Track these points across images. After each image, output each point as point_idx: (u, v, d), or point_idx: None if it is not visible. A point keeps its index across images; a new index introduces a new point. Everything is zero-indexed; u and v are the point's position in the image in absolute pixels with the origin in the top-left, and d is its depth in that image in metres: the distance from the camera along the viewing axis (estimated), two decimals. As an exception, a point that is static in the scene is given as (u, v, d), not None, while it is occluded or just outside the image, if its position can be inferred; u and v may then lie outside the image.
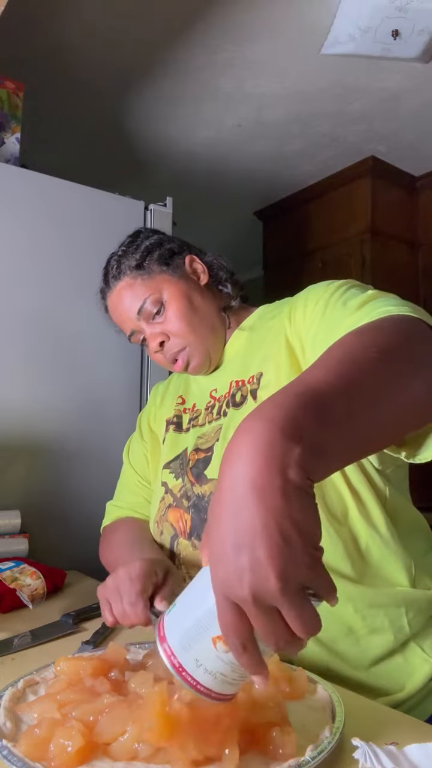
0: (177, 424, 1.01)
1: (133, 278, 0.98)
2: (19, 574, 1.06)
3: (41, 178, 1.56)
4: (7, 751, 0.53)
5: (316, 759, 0.52)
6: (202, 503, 0.88)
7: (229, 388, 0.95)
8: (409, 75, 2.08)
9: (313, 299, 0.84)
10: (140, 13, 1.81)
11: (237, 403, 0.91)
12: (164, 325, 0.96)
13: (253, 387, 0.89)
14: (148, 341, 0.99)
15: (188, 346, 0.97)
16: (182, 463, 0.95)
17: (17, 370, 1.48)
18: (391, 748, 0.52)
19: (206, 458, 0.91)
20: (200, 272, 1.02)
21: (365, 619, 0.79)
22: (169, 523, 0.93)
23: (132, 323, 0.99)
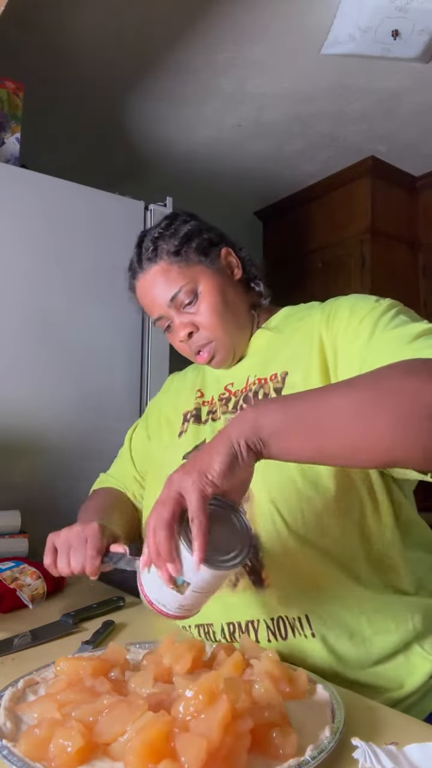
0: (196, 416, 1.00)
1: (170, 264, 0.96)
2: (19, 574, 1.06)
3: (41, 178, 1.56)
4: (7, 751, 0.53)
5: (316, 759, 0.52)
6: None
7: (245, 384, 0.94)
8: (409, 75, 2.08)
9: (358, 315, 0.83)
10: (140, 13, 1.81)
11: (258, 401, 0.90)
12: (195, 316, 0.95)
13: (278, 385, 0.89)
14: (176, 330, 0.97)
15: (215, 340, 0.96)
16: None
17: (17, 370, 1.48)
18: (391, 748, 0.52)
19: None
20: (235, 266, 1.01)
21: (371, 622, 0.79)
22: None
23: (161, 309, 0.97)
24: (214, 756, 0.49)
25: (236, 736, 0.51)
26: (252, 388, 0.92)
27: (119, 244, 1.67)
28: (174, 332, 0.98)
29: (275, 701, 0.58)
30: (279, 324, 0.99)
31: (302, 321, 0.93)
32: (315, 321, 0.89)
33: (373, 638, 0.79)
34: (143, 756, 0.49)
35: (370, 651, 0.79)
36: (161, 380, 1.71)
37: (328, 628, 0.79)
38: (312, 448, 0.64)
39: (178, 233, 0.97)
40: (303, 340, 0.89)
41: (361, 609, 0.79)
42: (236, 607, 0.82)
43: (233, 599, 0.82)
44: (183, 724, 0.52)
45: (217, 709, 0.51)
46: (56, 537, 0.91)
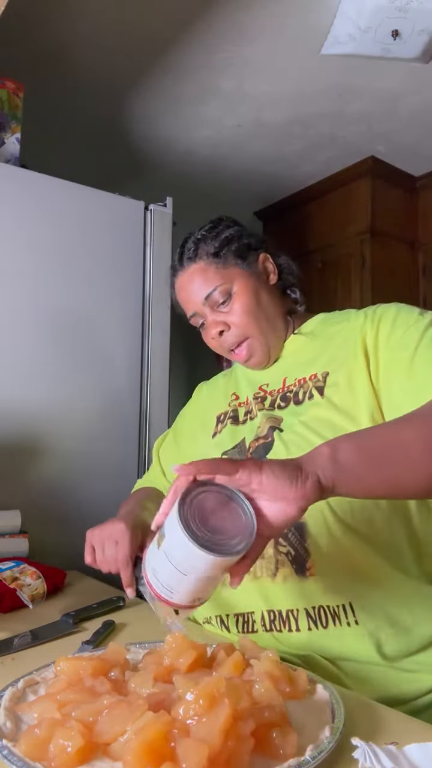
0: (234, 417, 1.04)
1: (208, 264, 1.00)
2: (19, 574, 1.06)
3: (41, 178, 1.56)
4: (7, 751, 0.53)
5: (316, 759, 0.52)
6: None
7: (282, 384, 0.98)
8: (409, 75, 2.08)
9: (402, 325, 0.86)
10: (140, 13, 1.81)
11: (299, 401, 0.93)
12: (228, 315, 0.99)
13: (319, 384, 0.92)
14: (208, 327, 1.02)
15: (250, 337, 0.99)
16: (241, 450, 0.97)
17: (17, 371, 1.48)
18: (391, 748, 0.52)
19: (267, 444, 0.93)
20: (271, 272, 1.04)
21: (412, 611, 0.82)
22: None
23: (196, 306, 1.01)
24: (215, 761, 0.49)
25: (238, 740, 0.51)
26: (292, 388, 0.96)
27: (119, 244, 1.67)
28: (207, 330, 1.03)
29: (275, 701, 0.58)
30: (314, 329, 1.02)
31: (339, 326, 0.97)
32: (357, 324, 0.92)
33: (414, 627, 0.81)
34: (142, 756, 0.49)
35: (411, 640, 0.80)
36: (161, 380, 1.72)
37: (370, 616, 0.81)
38: (386, 481, 0.66)
39: (220, 236, 1.01)
40: (344, 343, 0.92)
41: (403, 598, 0.82)
42: (277, 596, 0.84)
43: (273, 588, 0.84)
44: (183, 726, 0.52)
45: (219, 714, 0.51)
46: (92, 535, 0.96)
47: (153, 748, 0.50)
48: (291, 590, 0.83)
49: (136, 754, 0.49)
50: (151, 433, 1.67)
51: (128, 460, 1.63)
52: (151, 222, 1.72)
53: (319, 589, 0.82)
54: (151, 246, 1.71)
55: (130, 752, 0.50)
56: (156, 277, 1.71)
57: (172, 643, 0.68)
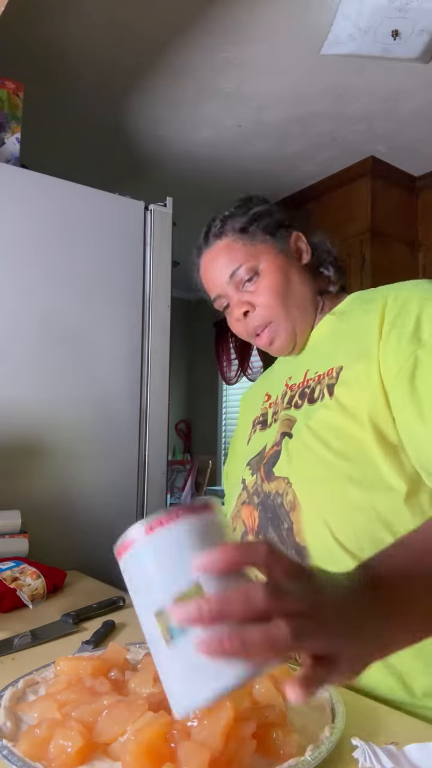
0: (263, 422, 0.97)
1: (234, 240, 0.93)
2: (19, 574, 1.06)
3: (41, 178, 1.56)
4: (8, 750, 0.53)
5: (316, 759, 0.52)
6: (268, 501, 0.84)
7: (303, 378, 0.91)
8: (409, 75, 2.08)
9: (421, 333, 0.75)
10: (140, 13, 1.81)
11: (313, 399, 0.86)
12: (253, 295, 0.92)
13: (331, 381, 0.83)
14: (232, 308, 0.94)
15: (273, 322, 0.92)
16: (260, 459, 0.91)
17: (17, 371, 1.48)
18: (390, 748, 0.52)
19: (275, 453, 0.87)
20: (303, 251, 0.96)
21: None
22: (241, 519, 0.89)
23: (220, 288, 0.94)
24: (216, 763, 0.49)
25: (239, 742, 0.51)
26: (311, 384, 0.88)
27: (119, 244, 1.67)
28: (231, 312, 0.95)
29: (275, 701, 0.58)
30: (345, 309, 0.93)
31: (365, 307, 0.87)
32: (376, 316, 0.81)
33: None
34: (141, 757, 0.49)
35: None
36: (161, 380, 1.72)
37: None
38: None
39: (249, 212, 0.95)
40: (363, 335, 0.82)
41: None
42: None
43: None
44: (183, 727, 0.52)
45: (220, 716, 0.51)
46: None
47: (152, 748, 0.50)
48: None
49: (135, 755, 0.49)
50: (151, 433, 1.67)
51: (128, 460, 1.63)
52: (151, 222, 1.72)
53: None
54: (151, 246, 1.71)
55: (128, 753, 0.50)
56: (156, 277, 1.71)
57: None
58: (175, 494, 4.30)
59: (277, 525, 0.81)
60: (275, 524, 0.81)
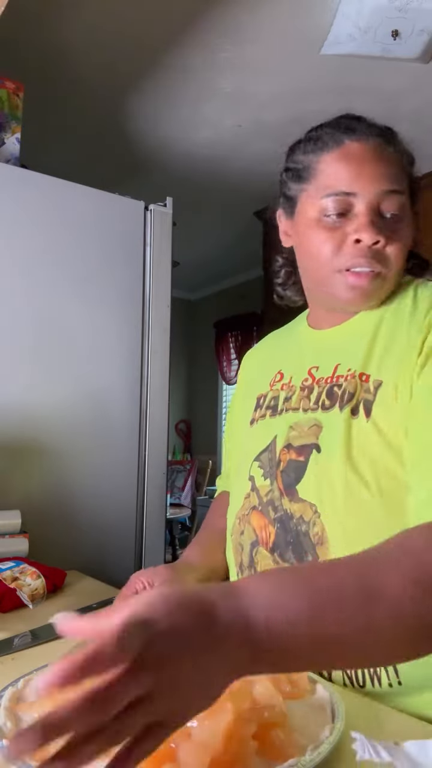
0: (273, 408, 0.86)
1: (398, 159, 0.78)
2: (19, 574, 1.06)
3: (41, 178, 1.56)
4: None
5: (316, 759, 0.52)
6: (291, 523, 0.76)
7: (332, 373, 0.80)
8: (409, 75, 2.08)
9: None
10: (140, 13, 1.81)
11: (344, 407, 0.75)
12: (393, 236, 0.76)
13: (368, 396, 0.74)
14: (361, 226, 0.74)
15: (385, 277, 0.77)
16: (271, 460, 0.82)
17: (17, 370, 1.48)
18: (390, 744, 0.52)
19: (298, 467, 0.77)
20: (414, 228, 0.81)
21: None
22: (251, 527, 0.83)
23: (365, 188, 0.74)
24: (217, 764, 0.49)
25: (240, 743, 0.51)
26: (342, 383, 0.77)
27: (119, 244, 1.67)
28: (355, 225, 0.75)
29: (275, 701, 0.58)
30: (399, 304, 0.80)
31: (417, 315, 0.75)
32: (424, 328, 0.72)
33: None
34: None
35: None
36: (161, 380, 1.72)
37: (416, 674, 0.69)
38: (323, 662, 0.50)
39: (401, 144, 0.81)
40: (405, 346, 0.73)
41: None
42: None
43: None
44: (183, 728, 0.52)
45: (221, 717, 0.51)
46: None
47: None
48: None
49: None
50: (151, 433, 1.67)
51: (128, 460, 1.63)
52: (151, 222, 1.72)
53: None
54: (151, 246, 1.71)
55: None
56: (156, 277, 1.71)
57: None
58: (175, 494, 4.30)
59: (299, 552, 0.75)
60: (297, 551, 0.75)
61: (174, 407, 1.63)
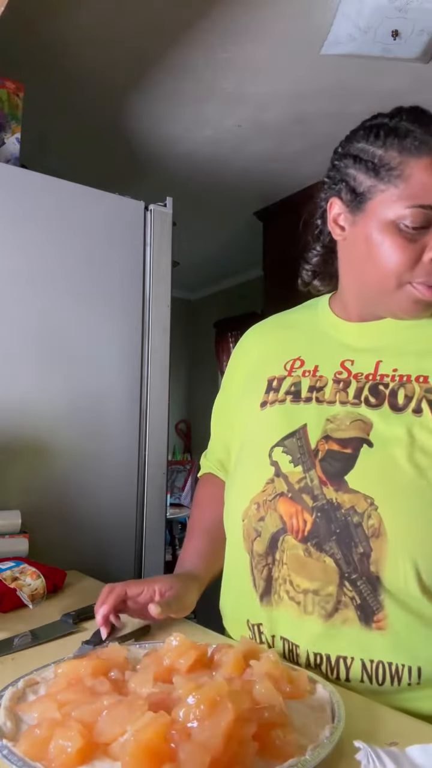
0: (295, 393, 0.84)
1: None
2: (19, 574, 1.06)
3: (41, 178, 1.56)
4: (8, 750, 0.53)
5: (316, 759, 0.52)
6: (336, 513, 0.75)
7: (374, 370, 0.80)
8: (409, 75, 2.08)
9: None
10: (140, 13, 1.81)
11: (398, 405, 0.76)
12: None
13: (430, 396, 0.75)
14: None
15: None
16: (302, 447, 0.80)
17: (17, 370, 1.48)
18: (393, 750, 0.52)
19: (345, 457, 0.77)
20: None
21: None
22: (278, 513, 0.79)
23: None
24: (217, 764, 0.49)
25: (241, 743, 0.51)
26: (387, 381, 0.78)
27: (119, 244, 1.67)
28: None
29: (275, 701, 0.57)
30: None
31: None
32: None
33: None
34: (140, 757, 0.49)
35: None
36: (161, 380, 1.72)
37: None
38: None
39: None
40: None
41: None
42: (327, 639, 0.73)
43: (325, 629, 0.73)
44: (183, 728, 0.52)
45: (221, 718, 0.51)
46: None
47: (152, 748, 0.50)
48: (347, 636, 0.72)
49: (135, 755, 0.49)
50: (151, 433, 1.67)
51: (128, 460, 1.63)
52: (151, 222, 1.72)
53: (385, 644, 0.71)
54: (151, 246, 1.71)
55: (128, 753, 0.50)
56: (156, 277, 1.71)
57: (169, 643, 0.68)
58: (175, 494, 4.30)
59: (346, 544, 0.74)
60: (344, 542, 0.74)
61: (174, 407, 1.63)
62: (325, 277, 0.96)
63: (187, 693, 0.55)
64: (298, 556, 0.77)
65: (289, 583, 0.76)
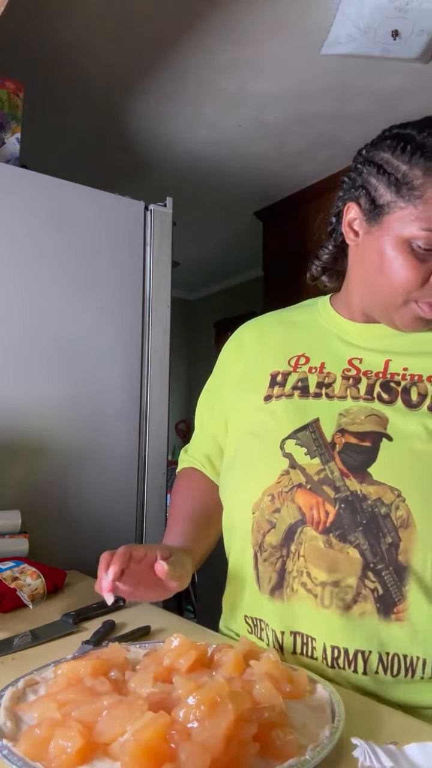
0: (302, 389, 0.85)
1: None
2: (19, 574, 1.06)
3: (41, 178, 1.56)
4: (8, 750, 0.53)
5: (316, 758, 0.52)
6: (361, 504, 0.76)
7: (384, 368, 0.83)
8: (409, 75, 2.08)
9: None
10: (141, 13, 1.81)
11: (412, 402, 0.79)
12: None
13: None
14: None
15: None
16: (317, 440, 0.81)
17: (17, 370, 1.48)
18: (390, 747, 0.52)
19: (365, 450, 0.78)
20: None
21: None
22: (296, 505, 0.79)
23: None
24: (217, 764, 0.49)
25: (241, 744, 0.51)
26: (398, 380, 0.81)
27: (119, 244, 1.67)
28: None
29: (275, 701, 0.58)
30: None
31: None
32: None
33: None
34: (140, 757, 0.49)
35: None
36: (161, 380, 1.72)
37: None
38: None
39: None
40: None
41: None
42: (346, 633, 0.74)
43: (343, 623, 0.74)
44: (183, 728, 0.52)
45: (221, 719, 0.51)
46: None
47: (152, 748, 0.50)
48: (365, 629, 0.73)
49: (135, 755, 0.49)
50: (151, 433, 1.67)
51: (128, 460, 1.63)
52: (151, 222, 1.72)
53: (402, 636, 0.73)
54: (151, 246, 1.71)
55: (128, 753, 0.50)
56: (156, 277, 1.71)
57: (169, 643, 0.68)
58: (175, 494, 4.29)
59: (374, 534, 0.75)
60: (371, 532, 0.75)
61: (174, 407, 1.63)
62: (333, 274, 0.98)
63: (187, 693, 0.55)
64: (318, 547, 0.76)
65: (306, 575, 0.76)
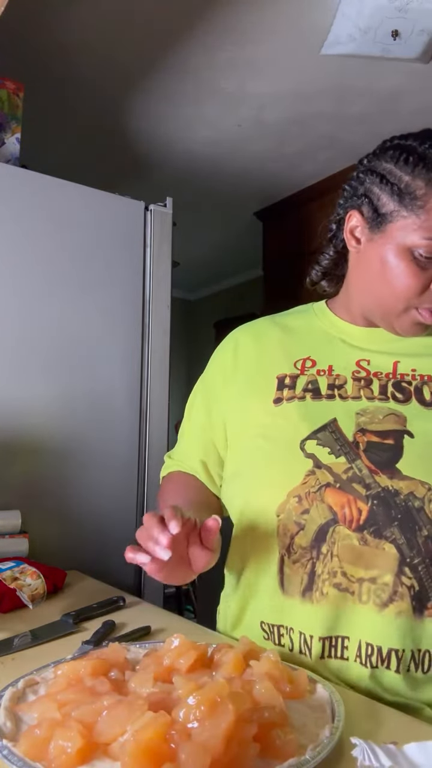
0: (314, 391, 0.86)
1: None
2: (19, 574, 1.06)
3: (41, 178, 1.56)
4: (8, 750, 0.53)
5: (316, 758, 0.52)
6: (394, 499, 0.77)
7: (393, 369, 0.85)
8: (409, 75, 2.08)
9: None
10: (140, 13, 1.81)
11: (425, 400, 0.82)
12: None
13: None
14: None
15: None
16: (339, 439, 0.82)
17: (17, 370, 1.48)
18: (390, 747, 0.52)
19: (389, 447, 0.80)
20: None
21: None
22: (326, 504, 0.79)
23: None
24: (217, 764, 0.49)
25: (241, 744, 0.51)
26: (409, 380, 0.84)
27: (119, 244, 1.67)
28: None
29: (275, 701, 0.58)
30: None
31: None
32: None
33: None
34: (140, 757, 0.49)
35: None
36: (161, 380, 1.72)
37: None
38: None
39: None
40: None
41: None
42: (381, 631, 0.74)
43: (379, 621, 0.74)
44: (183, 728, 0.52)
45: (221, 719, 0.51)
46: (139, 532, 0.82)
47: (152, 748, 0.50)
48: (400, 628, 0.74)
49: (135, 755, 0.49)
50: (151, 433, 1.67)
51: (128, 460, 1.63)
52: (151, 222, 1.72)
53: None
54: (151, 246, 1.71)
55: (128, 753, 0.50)
56: (156, 277, 1.71)
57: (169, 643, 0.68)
58: (175, 494, 4.29)
59: (409, 528, 0.76)
60: (406, 526, 0.76)
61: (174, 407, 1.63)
62: (332, 279, 0.99)
63: (187, 693, 0.55)
64: (353, 546, 0.76)
65: (340, 574, 0.76)
